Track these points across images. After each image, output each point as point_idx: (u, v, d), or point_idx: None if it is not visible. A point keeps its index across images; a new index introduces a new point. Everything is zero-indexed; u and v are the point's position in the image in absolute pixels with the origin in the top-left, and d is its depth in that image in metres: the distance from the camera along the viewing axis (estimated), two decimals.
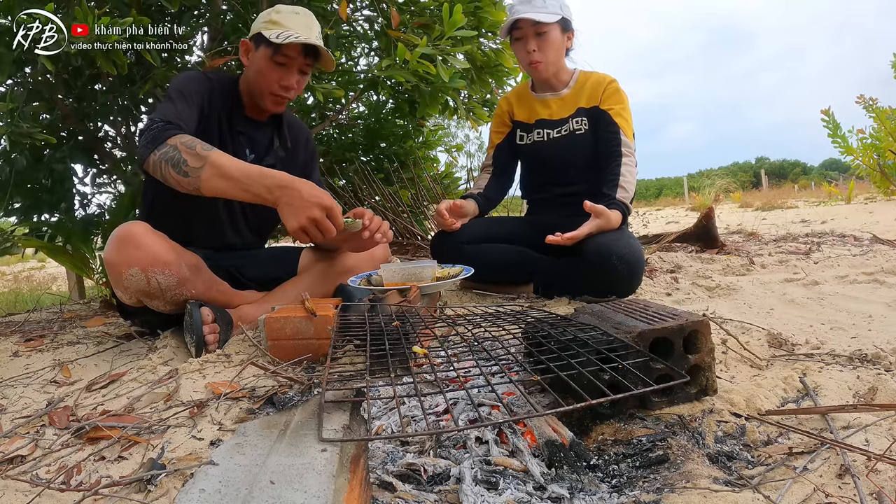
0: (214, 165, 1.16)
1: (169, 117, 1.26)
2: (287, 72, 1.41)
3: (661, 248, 2.85)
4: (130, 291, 1.23)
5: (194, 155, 1.17)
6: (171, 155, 1.18)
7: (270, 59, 1.39)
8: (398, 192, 2.92)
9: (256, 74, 1.41)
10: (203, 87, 1.41)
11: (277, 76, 1.40)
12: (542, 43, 1.68)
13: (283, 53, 1.38)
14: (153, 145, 1.20)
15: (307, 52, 1.41)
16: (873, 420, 0.74)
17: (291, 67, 1.41)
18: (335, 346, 0.95)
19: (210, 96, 1.42)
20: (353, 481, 0.55)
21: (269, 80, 1.40)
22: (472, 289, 1.88)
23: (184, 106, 1.33)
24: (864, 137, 5.21)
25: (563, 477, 0.65)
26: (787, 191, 12.99)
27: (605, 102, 1.73)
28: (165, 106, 1.31)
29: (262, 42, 1.39)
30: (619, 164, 1.64)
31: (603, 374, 0.74)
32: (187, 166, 1.17)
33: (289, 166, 1.60)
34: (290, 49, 1.38)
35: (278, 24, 1.37)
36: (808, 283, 1.78)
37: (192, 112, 1.34)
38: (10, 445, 0.83)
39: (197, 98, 1.37)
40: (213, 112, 1.43)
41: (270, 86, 1.41)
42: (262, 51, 1.39)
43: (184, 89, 1.36)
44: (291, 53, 1.39)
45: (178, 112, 1.30)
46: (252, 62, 1.43)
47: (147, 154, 1.21)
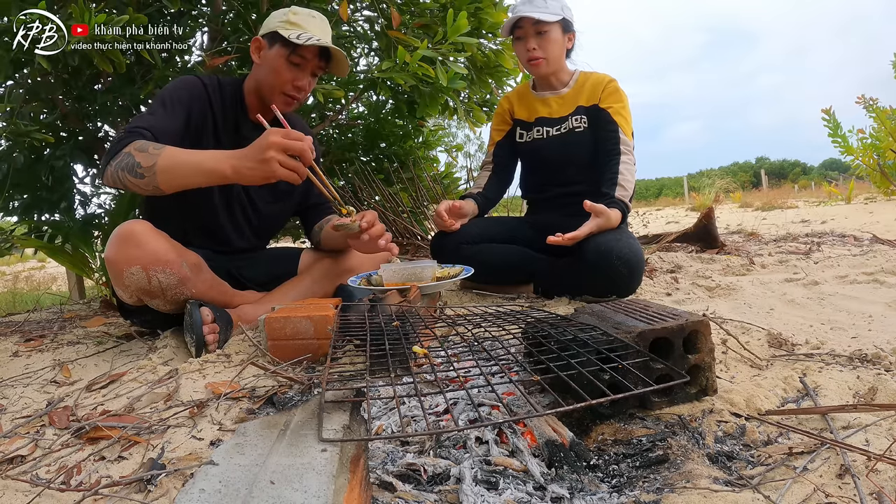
0: (165, 159, 1.16)
1: (137, 127, 1.26)
2: (301, 73, 1.41)
3: (661, 248, 2.85)
4: (131, 290, 1.23)
5: (146, 155, 1.17)
6: (126, 161, 1.18)
7: (286, 59, 1.38)
8: (398, 193, 2.92)
9: (270, 73, 1.40)
10: (195, 92, 1.40)
11: (292, 76, 1.40)
12: (543, 41, 1.69)
13: (299, 54, 1.38)
14: (109, 157, 1.22)
15: (321, 55, 1.42)
16: (873, 420, 0.74)
17: (305, 69, 1.41)
18: (335, 346, 0.95)
19: (203, 102, 1.41)
20: (353, 481, 0.55)
21: (283, 80, 1.40)
22: (472, 289, 1.88)
23: (162, 115, 1.32)
24: (865, 137, 5.21)
25: (563, 477, 0.65)
26: (787, 191, 13.00)
27: (604, 101, 1.73)
28: (141, 116, 1.31)
29: (279, 41, 1.38)
30: (617, 162, 1.64)
31: (603, 374, 0.74)
32: (141, 168, 1.17)
33: None
34: (307, 51, 1.39)
35: (296, 25, 1.37)
36: (808, 283, 1.78)
37: (171, 121, 1.33)
38: (10, 445, 0.83)
39: (182, 106, 1.36)
40: (208, 117, 1.42)
41: (283, 85, 1.40)
42: (278, 49, 1.39)
43: (168, 97, 1.35)
44: (307, 55, 1.39)
45: (153, 122, 1.29)
46: (264, 60, 1.42)
47: (104, 167, 1.22)
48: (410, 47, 2.07)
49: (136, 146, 1.19)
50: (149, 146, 1.19)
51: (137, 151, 1.18)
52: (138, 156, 1.18)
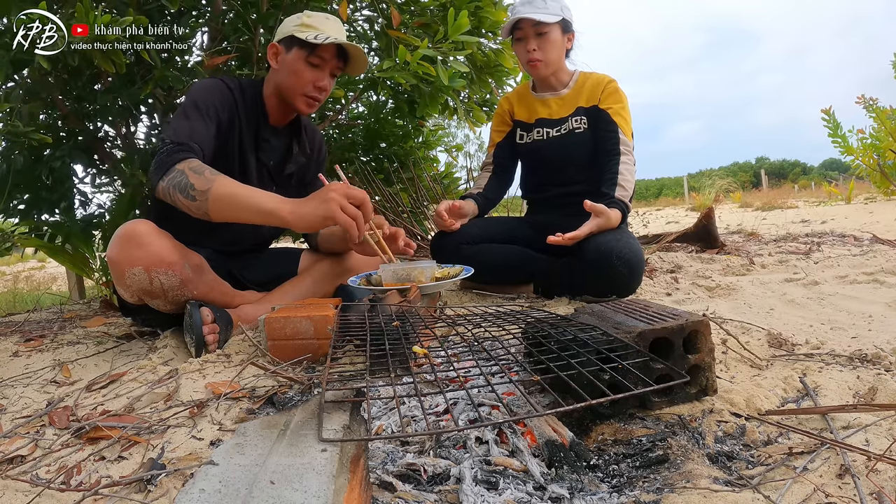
0: (220, 188, 1.17)
1: (181, 137, 1.26)
2: (321, 73, 1.41)
3: (661, 248, 2.85)
4: (132, 290, 1.23)
5: (201, 178, 1.18)
6: (180, 180, 1.19)
7: (305, 61, 1.39)
8: (398, 193, 2.92)
9: (289, 76, 1.41)
10: (224, 97, 1.40)
11: (312, 77, 1.40)
12: (542, 42, 1.69)
13: (318, 55, 1.39)
14: (161, 171, 1.22)
15: (339, 55, 1.42)
16: (873, 420, 0.74)
17: (325, 69, 1.41)
18: (335, 346, 0.95)
19: (231, 107, 1.41)
20: (353, 481, 0.55)
21: (303, 82, 1.40)
22: (472, 289, 1.88)
23: (199, 122, 1.32)
24: (864, 137, 5.21)
25: (563, 477, 0.65)
26: (787, 191, 12.99)
27: (604, 102, 1.73)
28: (179, 123, 1.31)
29: (296, 44, 1.38)
30: (617, 162, 1.65)
31: (603, 374, 0.74)
32: (194, 190, 1.17)
33: (307, 172, 1.61)
34: (325, 50, 1.39)
35: (312, 27, 1.38)
36: (808, 283, 1.78)
37: (208, 127, 1.33)
38: (10, 445, 0.83)
39: (214, 111, 1.36)
40: (235, 124, 1.42)
41: (305, 87, 1.41)
42: (296, 52, 1.39)
43: (201, 102, 1.35)
44: (326, 55, 1.40)
45: (192, 130, 1.29)
46: (283, 65, 1.42)
47: (157, 181, 1.22)
48: (411, 46, 2.07)
49: (191, 166, 1.20)
50: (204, 170, 1.19)
51: (192, 172, 1.18)
52: (192, 177, 1.18)
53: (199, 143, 1.28)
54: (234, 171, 1.43)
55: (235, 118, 1.42)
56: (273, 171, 1.53)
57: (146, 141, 2.50)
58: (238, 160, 1.45)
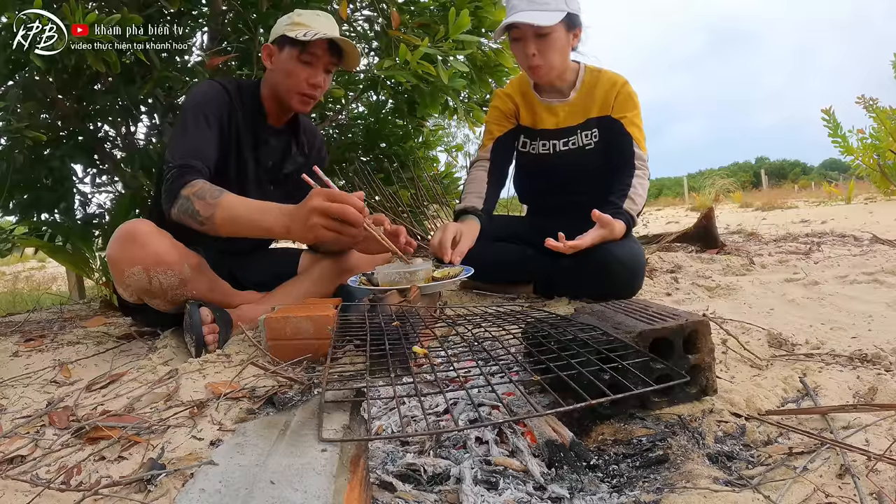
0: (224, 211, 1.19)
1: (183, 158, 1.27)
2: (314, 70, 1.41)
3: (661, 249, 2.85)
4: (132, 290, 1.23)
5: (204, 204, 1.20)
6: (187, 207, 1.21)
7: (297, 59, 1.39)
8: (398, 193, 2.92)
9: (284, 75, 1.41)
10: (222, 101, 1.40)
11: (306, 75, 1.40)
12: (544, 45, 1.52)
13: (309, 52, 1.39)
14: (170, 200, 1.24)
15: (332, 50, 1.42)
16: (873, 420, 0.74)
17: (318, 66, 1.41)
18: (335, 346, 0.95)
19: (229, 110, 1.42)
20: (353, 481, 0.55)
21: (297, 80, 1.40)
22: (472, 289, 1.88)
23: (198, 133, 1.32)
24: (864, 137, 5.21)
25: (563, 477, 0.65)
26: (788, 191, 12.99)
27: (617, 110, 1.62)
28: (179, 139, 1.32)
29: (288, 43, 1.39)
30: (632, 175, 1.56)
31: (603, 374, 0.74)
32: (200, 216, 1.20)
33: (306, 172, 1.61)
34: (317, 47, 1.39)
35: (302, 24, 1.38)
36: (808, 283, 1.78)
37: (210, 135, 1.34)
38: (10, 445, 0.82)
39: (215, 118, 1.37)
40: (233, 124, 1.43)
41: (299, 85, 1.41)
42: (288, 51, 1.39)
43: (202, 111, 1.35)
44: (318, 52, 1.40)
45: (192, 146, 1.30)
46: (277, 65, 1.42)
47: (168, 210, 1.25)
48: (412, 45, 2.07)
49: (194, 191, 1.22)
50: (206, 193, 1.21)
51: (196, 199, 1.21)
52: (197, 203, 1.20)
53: (201, 159, 1.29)
54: (231, 172, 1.44)
55: (233, 120, 1.43)
56: (271, 171, 1.53)
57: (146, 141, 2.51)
58: (235, 161, 1.45)
